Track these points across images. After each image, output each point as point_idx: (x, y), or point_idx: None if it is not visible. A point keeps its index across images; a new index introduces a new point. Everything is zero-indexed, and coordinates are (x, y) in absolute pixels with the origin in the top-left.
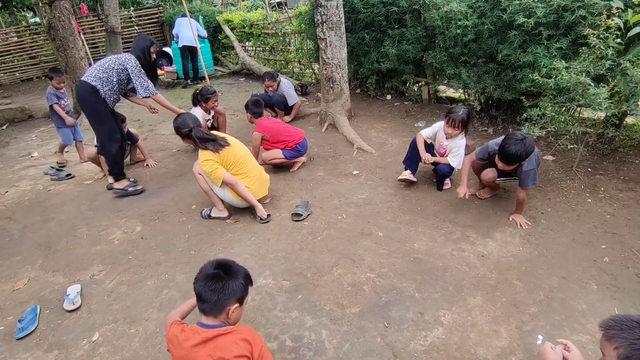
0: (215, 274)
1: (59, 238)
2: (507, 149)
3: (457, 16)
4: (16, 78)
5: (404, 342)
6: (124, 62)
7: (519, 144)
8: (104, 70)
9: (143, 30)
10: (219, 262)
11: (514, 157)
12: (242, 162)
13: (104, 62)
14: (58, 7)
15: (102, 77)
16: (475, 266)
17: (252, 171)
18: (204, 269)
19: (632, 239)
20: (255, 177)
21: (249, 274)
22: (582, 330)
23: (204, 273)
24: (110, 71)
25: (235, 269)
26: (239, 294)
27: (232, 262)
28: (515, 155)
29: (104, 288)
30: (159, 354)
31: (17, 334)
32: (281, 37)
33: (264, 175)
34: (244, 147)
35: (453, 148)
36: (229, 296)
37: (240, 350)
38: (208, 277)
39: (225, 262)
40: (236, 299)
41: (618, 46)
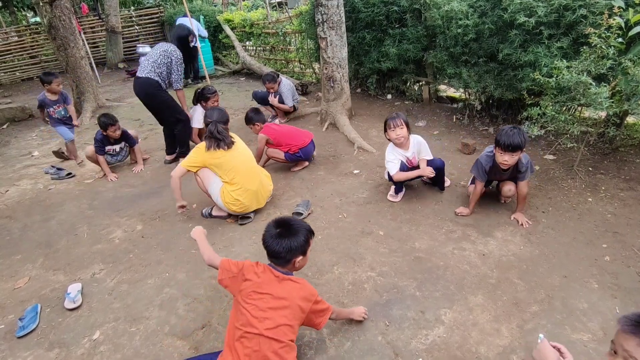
0: (279, 232)
1: (59, 237)
2: (508, 138)
3: (458, 15)
4: (17, 77)
5: (405, 340)
6: (170, 55)
7: (516, 132)
8: (158, 65)
9: (143, 30)
10: (280, 221)
11: (517, 144)
12: (236, 172)
13: (157, 58)
14: (59, 7)
15: (160, 72)
16: (476, 265)
17: (248, 184)
18: (268, 228)
19: (633, 238)
20: (250, 190)
21: (309, 229)
22: (583, 329)
23: (269, 232)
24: (163, 66)
25: (296, 227)
26: (302, 248)
27: (292, 219)
28: (518, 142)
29: (104, 287)
30: (160, 352)
31: (18, 333)
32: (282, 36)
33: (264, 189)
34: (247, 160)
35: (419, 151)
36: (294, 251)
37: (302, 293)
38: (273, 236)
39: (286, 221)
40: (300, 252)
41: (619, 45)
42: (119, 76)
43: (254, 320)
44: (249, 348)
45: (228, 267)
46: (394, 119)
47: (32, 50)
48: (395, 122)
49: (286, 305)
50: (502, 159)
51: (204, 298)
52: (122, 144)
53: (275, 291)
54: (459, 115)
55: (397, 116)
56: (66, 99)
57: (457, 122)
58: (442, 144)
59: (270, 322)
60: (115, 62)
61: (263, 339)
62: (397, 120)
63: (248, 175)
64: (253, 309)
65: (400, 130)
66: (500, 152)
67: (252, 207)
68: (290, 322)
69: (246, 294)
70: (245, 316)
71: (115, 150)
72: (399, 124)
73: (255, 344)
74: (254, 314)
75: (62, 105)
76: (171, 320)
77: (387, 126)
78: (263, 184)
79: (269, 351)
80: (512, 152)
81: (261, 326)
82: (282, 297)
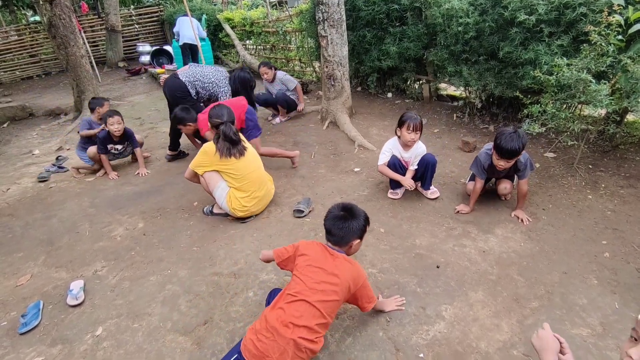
0: (342, 215)
1: (61, 235)
2: (505, 146)
3: (458, 14)
4: (16, 76)
5: (406, 336)
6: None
7: (515, 137)
8: (203, 86)
9: (143, 29)
10: (345, 205)
11: (514, 152)
12: (247, 180)
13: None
14: (58, 5)
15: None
16: (477, 262)
17: (257, 192)
18: (333, 210)
19: (633, 234)
20: (258, 197)
21: (367, 217)
22: (583, 324)
23: (333, 214)
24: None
25: (357, 212)
26: (361, 232)
27: (354, 205)
28: (514, 149)
29: (107, 284)
30: (163, 347)
31: (21, 329)
32: (282, 35)
33: (269, 194)
34: (257, 167)
35: (415, 159)
36: (353, 233)
37: (353, 274)
38: (336, 217)
39: (349, 206)
40: (357, 236)
41: (619, 43)
42: (119, 75)
43: (308, 291)
44: (290, 314)
45: (281, 251)
46: (415, 121)
47: (32, 49)
48: (415, 125)
49: (337, 282)
50: (497, 163)
51: (205, 294)
52: (125, 144)
53: (328, 267)
54: (460, 113)
55: (417, 119)
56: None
57: (458, 120)
58: (443, 142)
59: (323, 294)
60: (115, 61)
61: (312, 309)
62: (417, 124)
63: (257, 183)
64: (308, 280)
65: (415, 135)
66: (496, 156)
67: (257, 212)
68: (339, 298)
69: (302, 267)
70: (299, 285)
71: (118, 149)
72: (417, 129)
73: (300, 311)
74: (309, 285)
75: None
76: (173, 317)
77: (405, 125)
78: (269, 188)
79: (312, 321)
80: (507, 159)
81: (314, 297)
82: (334, 273)
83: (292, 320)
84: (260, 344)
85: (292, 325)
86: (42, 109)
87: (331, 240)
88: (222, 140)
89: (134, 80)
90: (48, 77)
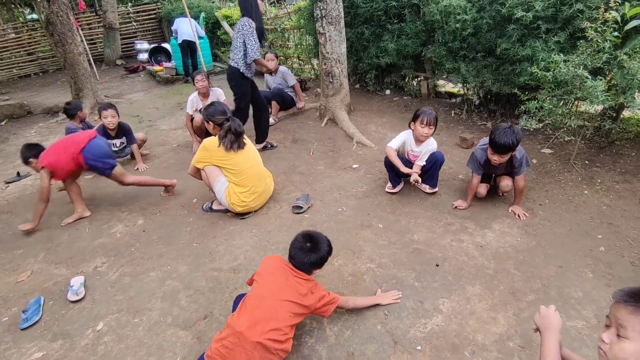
0: (307, 247)
1: (61, 231)
2: (499, 141)
3: (456, 10)
4: (14, 74)
5: (404, 329)
6: (240, 30)
7: (509, 132)
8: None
9: (141, 27)
10: (311, 235)
11: (507, 147)
12: (245, 175)
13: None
14: (56, 3)
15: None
16: (474, 256)
17: (256, 187)
18: (298, 239)
19: (628, 229)
20: (258, 193)
21: (331, 247)
22: (578, 316)
23: (298, 244)
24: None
25: (321, 245)
26: (321, 263)
27: (320, 236)
28: (508, 145)
29: (107, 279)
30: (163, 342)
31: (22, 325)
32: (280, 32)
33: (269, 190)
34: (257, 163)
35: (424, 154)
36: (314, 265)
37: (310, 287)
38: (300, 249)
39: (315, 237)
40: (318, 266)
41: (615, 39)
42: (117, 73)
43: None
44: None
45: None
46: (430, 116)
47: (29, 47)
48: (430, 121)
49: (298, 289)
50: (492, 158)
51: (205, 290)
52: (122, 139)
53: (288, 277)
54: (457, 110)
55: (432, 115)
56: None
57: (456, 117)
58: (441, 139)
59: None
60: (113, 58)
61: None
62: (432, 119)
63: (257, 178)
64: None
65: (428, 130)
66: (491, 151)
67: (256, 208)
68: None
69: (264, 274)
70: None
71: (116, 145)
72: (432, 124)
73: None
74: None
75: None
76: (173, 312)
77: (419, 119)
78: (268, 184)
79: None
80: (501, 154)
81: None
82: (296, 282)
83: (258, 322)
84: (226, 350)
85: (258, 328)
86: (40, 107)
87: (294, 265)
88: (230, 134)
89: (132, 78)
90: (46, 75)
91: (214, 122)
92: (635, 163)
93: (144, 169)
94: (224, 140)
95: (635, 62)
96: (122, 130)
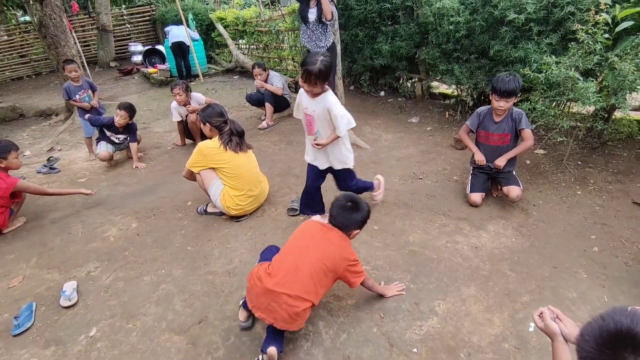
0: (348, 206)
1: (53, 236)
2: (504, 86)
3: (450, 13)
4: (6, 77)
5: (400, 331)
6: None
7: (511, 78)
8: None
9: (135, 29)
10: (352, 197)
11: (512, 91)
12: (241, 178)
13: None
14: (49, 5)
15: None
16: (469, 257)
17: (251, 190)
18: (340, 199)
19: (621, 229)
20: (252, 196)
21: (370, 210)
22: (573, 317)
23: (340, 203)
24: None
25: (362, 206)
26: (361, 224)
27: (360, 198)
28: (514, 88)
29: (100, 284)
30: (157, 347)
31: (13, 331)
32: (275, 34)
33: (264, 193)
34: (253, 167)
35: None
36: (355, 224)
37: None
38: (342, 207)
39: (356, 198)
40: (358, 227)
41: (606, 41)
42: (111, 75)
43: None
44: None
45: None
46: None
47: (22, 50)
48: (503, 93)
49: (328, 248)
50: (497, 105)
51: (200, 294)
52: (126, 135)
53: (322, 235)
54: (452, 111)
55: (315, 69)
56: (92, 86)
57: (450, 118)
58: (435, 140)
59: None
60: (107, 60)
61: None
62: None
63: (252, 182)
64: (300, 242)
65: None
66: (496, 98)
67: (251, 211)
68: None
69: (295, 235)
70: (291, 246)
71: (119, 139)
72: (312, 81)
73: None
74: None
75: (87, 91)
76: (168, 316)
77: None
78: (263, 188)
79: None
80: (507, 98)
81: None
82: (327, 239)
83: (284, 279)
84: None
85: (285, 285)
86: (33, 110)
87: (333, 224)
88: (234, 136)
89: (126, 80)
90: (38, 77)
91: (211, 124)
92: (628, 163)
93: (142, 167)
94: (230, 144)
95: (626, 63)
96: (130, 127)
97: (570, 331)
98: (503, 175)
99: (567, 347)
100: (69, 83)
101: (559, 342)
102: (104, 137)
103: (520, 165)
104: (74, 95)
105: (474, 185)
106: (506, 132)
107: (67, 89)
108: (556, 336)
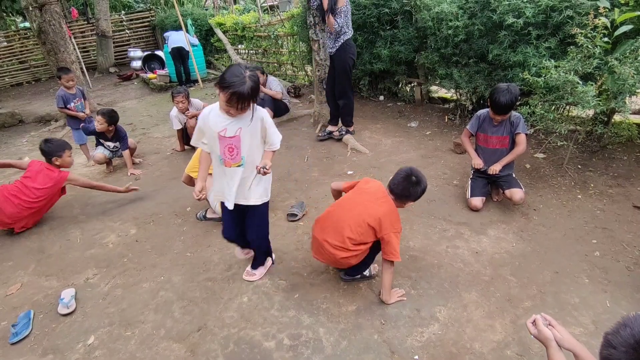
0: (411, 180)
1: (51, 242)
2: (498, 101)
3: (448, 17)
4: (6, 83)
5: (401, 338)
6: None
7: (506, 93)
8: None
9: (134, 34)
10: (414, 171)
11: (506, 106)
12: None
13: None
14: (48, 11)
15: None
16: (470, 263)
17: None
18: (403, 171)
19: (622, 233)
20: None
21: (426, 187)
22: (575, 323)
23: (402, 174)
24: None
25: (422, 180)
26: (417, 197)
27: (421, 174)
28: (507, 104)
29: (98, 291)
30: (156, 355)
31: (11, 339)
32: (274, 39)
33: None
34: None
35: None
36: (412, 196)
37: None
38: (403, 179)
39: (418, 173)
40: (414, 199)
41: (605, 45)
42: (110, 80)
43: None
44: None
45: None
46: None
47: (22, 56)
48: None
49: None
50: (494, 117)
51: (199, 300)
52: (117, 143)
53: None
54: (451, 115)
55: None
56: (84, 93)
57: (449, 122)
58: (435, 144)
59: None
60: (106, 66)
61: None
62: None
63: None
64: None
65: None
66: (492, 113)
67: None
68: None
69: (354, 190)
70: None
71: (110, 147)
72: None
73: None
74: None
75: (80, 99)
76: (167, 324)
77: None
78: None
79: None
80: (503, 115)
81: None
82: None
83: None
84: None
85: (329, 235)
86: (32, 116)
87: (392, 191)
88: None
89: (126, 86)
90: (38, 83)
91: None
92: (628, 167)
93: (137, 174)
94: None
95: (626, 67)
96: (118, 134)
97: (564, 337)
98: (504, 179)
99: (562, 353)
100: (64, 91)
101: (553, 348)
102: (100, 144)
103: (520, 170)
104: (70, 103)
105: (474, 190)
106: (505, 135)
107: (63, 97)
108: (550, 342)
